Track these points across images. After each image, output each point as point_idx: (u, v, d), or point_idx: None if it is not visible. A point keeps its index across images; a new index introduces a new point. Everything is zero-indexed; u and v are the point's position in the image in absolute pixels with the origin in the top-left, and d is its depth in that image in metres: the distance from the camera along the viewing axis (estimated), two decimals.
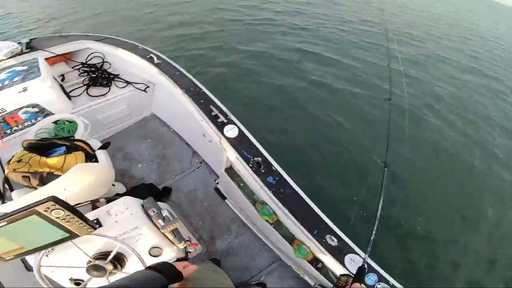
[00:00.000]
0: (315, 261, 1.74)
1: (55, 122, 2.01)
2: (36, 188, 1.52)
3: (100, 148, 1.66)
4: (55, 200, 0.86)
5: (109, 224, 1.15)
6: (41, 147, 1.58)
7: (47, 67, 2.23)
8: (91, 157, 1.60)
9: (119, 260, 1.22)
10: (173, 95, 2.33)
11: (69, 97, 2.45)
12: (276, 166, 1.67)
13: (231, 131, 1.81)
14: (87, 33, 3.06)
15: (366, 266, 1.21)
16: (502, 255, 2.97)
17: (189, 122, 2.45)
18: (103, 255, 1.17)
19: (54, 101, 2.22)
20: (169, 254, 1.36)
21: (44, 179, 1.50)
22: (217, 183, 2.42)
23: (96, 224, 1.07)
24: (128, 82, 2.72)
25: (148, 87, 2.76)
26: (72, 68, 2.88)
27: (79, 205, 1.10)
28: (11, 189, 1.57)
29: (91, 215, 1.16)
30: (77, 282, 1.22)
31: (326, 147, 3.54)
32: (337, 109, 4.11)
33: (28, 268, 1.93)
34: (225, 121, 1.88)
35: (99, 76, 2.76)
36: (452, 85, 5.35)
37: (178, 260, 1.37)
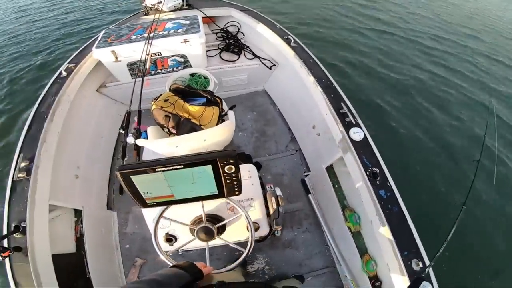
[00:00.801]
0: (375, 279, 1.74)
1: (192, 75, 2.33)
2: (169, 130, 1.70)
3: (229, 109, 1.82)
4: (234, 155, 0.91)
5: None
6: (186, 93, 1.80)
7: (203, 26, 2.52)
8: (220, 114, 1.78)
9: (223, 227, 1.28)
10: (298, 80, 2.37)
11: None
12: (391, 181, 1.60)
13: (357, 134, 1.75)
14: (233, 1, 3.33)
15: (424, 276, 1.14)
16: None
17: (301, 108, 2.53)
18: (212, 218, 1.25)
19: (198, 57, 2.55)
20: (261, 232, 1.43)
21: (181, 123, 1.67)
22: (306, 175, 2.48)
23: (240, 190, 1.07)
24: (256, 56, 2.94)
25: (274, 65, 2.92)
26: (212, 31, 3.23)
27: None
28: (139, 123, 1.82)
29: None
30: (169, 238, 1.31)
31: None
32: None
33: (110, 207, 2.36)
34: (354, 122, 1.82)
35: (232, 44, 3.04)
36: None
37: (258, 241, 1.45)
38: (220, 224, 1.21)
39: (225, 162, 0.90)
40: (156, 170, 0.87)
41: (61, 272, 1.55)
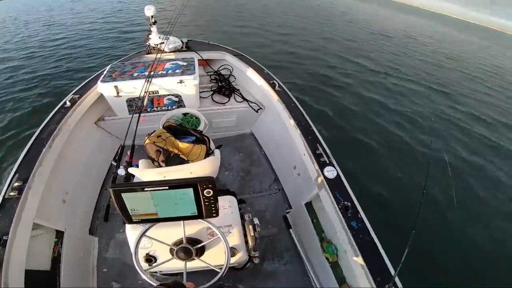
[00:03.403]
0: None
1: (184, 114, 2.51)
2: (159, 163, 1.84)
3: (216, 148, 2.01)
4: (212, 181, 1.04)
5: None
6: (178, 131, 1.98)
7: (198, 68, 2.78)
8: (207, 152, 1.95)
9: (201, 249, 1.38)
10: (281, 123, 2.56)
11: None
12: (362, 213, 1.73)
13: (330, 172, 1.91)
14: (226, 46, 3.65)
15: None
16: None
17: (283, 150, 2.70)
18: (192, 241, 1.34)
19: (191, 97, 2.79)
20: (239, 258, 1.54)
21: (170, 158, 1.83)
22: (288, 212, 2.59)
23: (217, 212, 1.18)
24: (244, 99, 3.18)
25: (260, 108, 3.15)
26: (206, 73, 3.53)
27: None
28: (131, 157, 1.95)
29: None
30: (149, 258, 1.40)
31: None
32: None
33: (92, 232, 2.39)
34: (327, 161, 1.99)
35: (224, 87, 3.30)
36: None
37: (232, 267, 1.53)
38: (199, 245, 1.32)
39: (204, 186, 1.05)
40: (145, 189, 1.03)
41: (32, 286, 1.58)
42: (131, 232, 1.40)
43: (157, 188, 1.03)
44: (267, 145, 3.21)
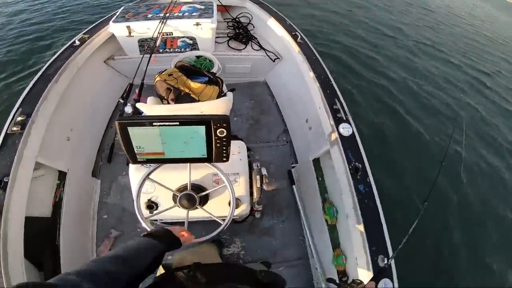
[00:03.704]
0: (342, 274, 1.82)
1: (198, 57, 2.41)
2: (168, 102, 1.80)
3: (229, 90, 1.92)
4: (228, 120, 0.97)
5: None
6: (190, 71, 1.90)
7: (216, 13, 2.63)
8: (220, 94, 1.88)
9: (205, 198, 1.32)
10: (299, 75, 2.45)
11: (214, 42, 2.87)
12: (371, 177, 1.67)
13: (346, 129, 1.81)
14: None
15: (386, 267, 1.21)
16: None
17: (297, 102, 2.61)
18: (196, 188, 1.28)
19: (207, 41, 2.64)
20: (242, 211, 1.48)
21: (180, 96, 1.79)
22: (293, 167, 2.55)
23: (228, 157, 1.11)
24: (262, 47, 3.04)
25: (277, 58, 3.02)
26: (224, 19, 3.32)
27: None
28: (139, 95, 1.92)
29: None
30: (150, 205, 1.33)
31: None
32: None
33: (95, 174, 2.37)
34: (344, 118, 1.89)
35: (241, 34, 3.14)
36: None
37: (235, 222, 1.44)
38: (203, 193, 1.26)
39: (218, 125, 0.97)
40: (153, 124, 0.95)
41: (30, 236, 1.54)
42: (135, 174, 1.35)
43: (167, 124, 0.95)
44: (280, 95, 3.11)
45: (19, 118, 1.69)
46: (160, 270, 0.95)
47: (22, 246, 1.46)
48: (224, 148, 1.05)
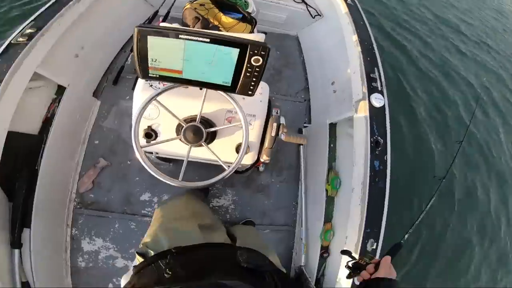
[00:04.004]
0: (325, 250, 1.82)
1: None
2: None
3: (262, 33, 1.80)
4: (268, 49, 0.86)
5: (238, 96, 1.06)
6: (223, 5, 1.74)
7: None
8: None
9: (212, 136, 1.20)
10: (338, 36, 2.28)
11: None
12: (389, 156, 1.58)
13: (378, 100, 1.68)
14: None
15: (403, 243, 1.13)
16: None
17: (326, 64, 2.46)
18: (205, 122, 1.16)
19: None
20: (248, 159, 1.37)
21: (207, 28, 1.63)
22: (305, 126, 2.47)
23: (254, 91, 1.00)
24: (304, 1, 2.79)
25: (318, 15, 2.80)
26: None
27: None
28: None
29: None
30: (149, 133, 1.21)
31: None
32: None
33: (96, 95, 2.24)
34: (379, 88, 1.76)
35: None
36: None
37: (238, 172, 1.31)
38: (212, 129, 1.14)
39: (255, 52, 0.85)
40: (180, 36, 0.83)
41: (9, 155, 1.44)
42: (141, 93, 1.19)
43: (195, 38, 0.82)
44: (309, 53, 2.94)
45: (28, 31, 1.55)
46: (138, 259, 0.89)
47: None
48: (254, 80, 0.93)
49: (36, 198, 1.62)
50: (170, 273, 0.69)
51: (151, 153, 1.42)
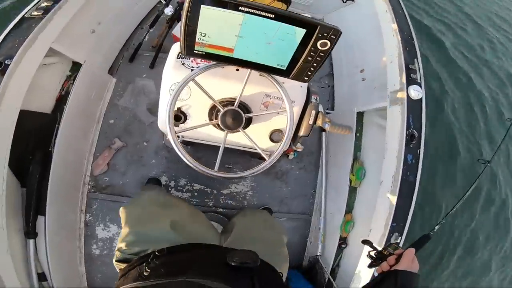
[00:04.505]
0: (343, 241, 1.81)
1: None
2: None
3: None
4: (339, 34, 0.77)
5: (278, 79, 1.01)
6: None
7: None
8: None
9: (248, 122, 1.12)
10: (373, 22, 2.17)
11: None
12: (422, 150, 1.54)
13: (417, 92, 1.61)
14: None
15: (432, 235, 1.10)
16: None
17: (356, 51, 2.36)
18: (243, 107, 1.07)
19: None
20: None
21: None
22: (328, 113, 2.39)
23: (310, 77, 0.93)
24: None
25: (350, 0, 2.65)
26: None
27: None
28: None
29: None
30: (178, 116, 1.11)
31: None
32: None
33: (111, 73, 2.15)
34: (418, 80, 1.68)
35: None
36: None
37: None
38: (250, 115, 1.05)
39: (325, 35, 0.76)
40: (240, 8, 0.72)
41: (21, 135, 1.37)
42: (172, 71, 1.07)
43: (258, 13, 0.71)
44: None
45: (44, 4, 1.44)
46: (118, 265, 0.88)
47: (9, 150, 1.29)
48: (314, 66, 0.85)
49: (50, 182, 1.54)
50: (149, 270, 0.70)
51: (178, 136, 1.31)
